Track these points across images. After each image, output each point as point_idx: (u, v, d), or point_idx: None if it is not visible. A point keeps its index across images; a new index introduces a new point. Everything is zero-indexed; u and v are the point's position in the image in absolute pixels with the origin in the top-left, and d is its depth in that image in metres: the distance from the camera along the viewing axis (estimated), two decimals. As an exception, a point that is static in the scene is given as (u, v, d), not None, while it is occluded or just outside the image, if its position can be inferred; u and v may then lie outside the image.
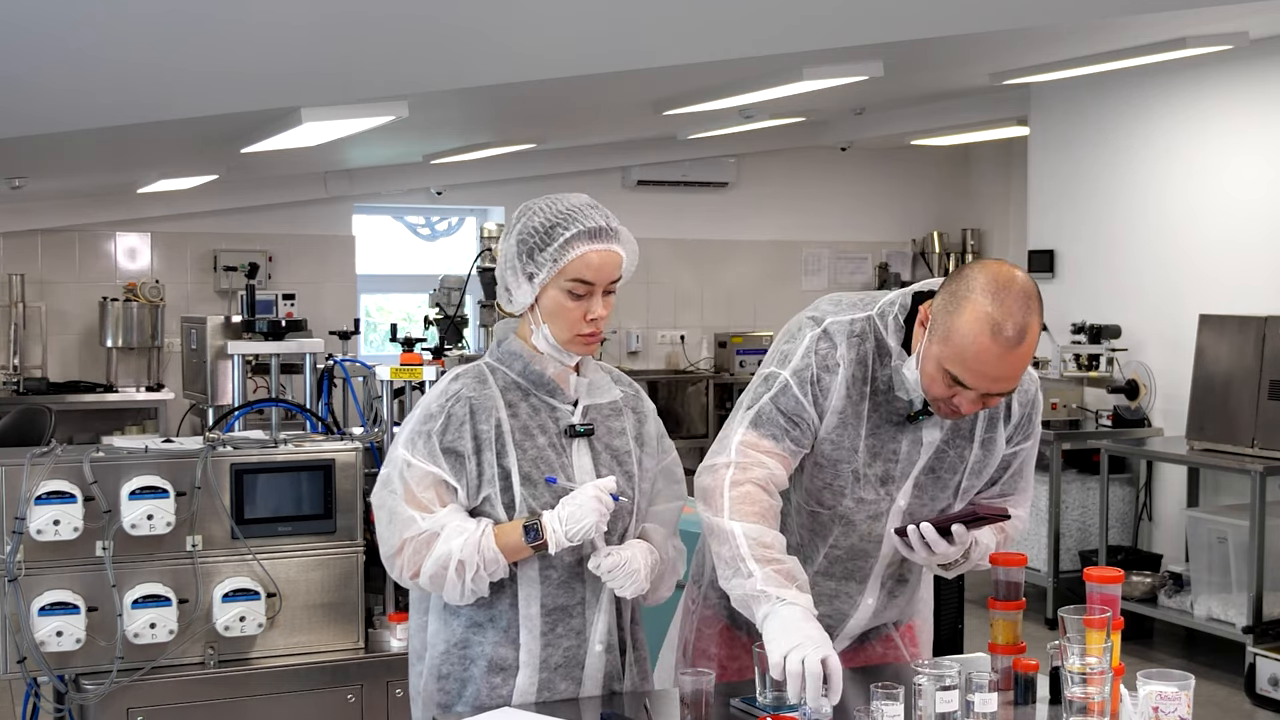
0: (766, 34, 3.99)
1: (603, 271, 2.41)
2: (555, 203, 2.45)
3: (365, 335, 9.29)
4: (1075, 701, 2.29)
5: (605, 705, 2.50)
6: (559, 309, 2.43)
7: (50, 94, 3.88)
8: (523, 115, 6.46)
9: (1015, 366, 2.40)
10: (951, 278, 2.47)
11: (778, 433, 2.54)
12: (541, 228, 2.41)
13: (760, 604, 2.39)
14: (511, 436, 2.44)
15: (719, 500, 2.50)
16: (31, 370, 8.34)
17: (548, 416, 2.49)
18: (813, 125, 8.98)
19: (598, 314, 2.42)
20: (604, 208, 2.48)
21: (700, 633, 2.86)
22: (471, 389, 2.46)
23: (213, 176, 7.62)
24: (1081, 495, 7.17)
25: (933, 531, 2.53)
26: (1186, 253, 7.02)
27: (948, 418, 2.56)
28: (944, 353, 2.42)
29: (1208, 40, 5.78)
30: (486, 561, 2.39)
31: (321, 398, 4.77)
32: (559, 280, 2.41)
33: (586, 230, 2.40)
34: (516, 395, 2.48)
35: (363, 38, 3.45)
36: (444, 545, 2.39)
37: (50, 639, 3.22)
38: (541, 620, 2.47)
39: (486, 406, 2.44)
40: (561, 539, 2.37)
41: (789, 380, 2.55)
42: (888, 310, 2.58)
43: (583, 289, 2.41)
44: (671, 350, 9.91)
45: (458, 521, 2.41)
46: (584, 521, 2.36)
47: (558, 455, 2.47)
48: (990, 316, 2.35)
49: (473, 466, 2.42)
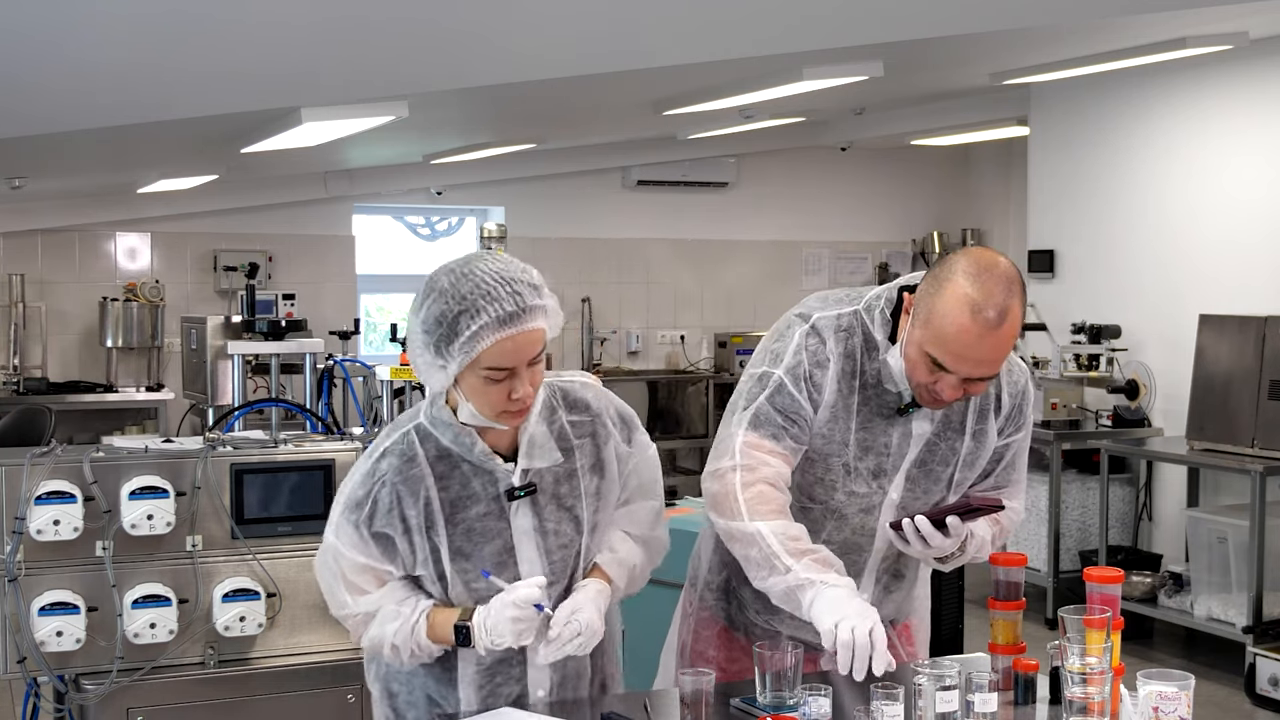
0: (766, 34, 3.99)
1: (521, 355, 2.24)
2: (460, 281, 2.23)
3: (365, 335, 9.29)
4: (1075, 701, 2.29)
5: (605, 705, 2.50)
6: (479, 392, 2.27)
7: (50, 94, 3.87)
8: (523, 115, 6.46)
9: (996, 349, 2.39)
10: (935, 264, 2.48)
11: (777, 432, 2.54)
12: (444, 316, 2.22)
13: (805, 591, 2.39)
14: (442, 512, 2.36)
15: (734, 504, 2.49)
16: (31, 370, 8.33)
17: (484, 482, 2.38)
18: (813, 125, 8.98)
19: (522, 393, 2.26)
20: (519, 273, 2.25)
21: (698, 635, 2.85)
22: (397, 470, 2.36)
23: (213, 176, 7.62)
24: (1081, 495, 7.16)
25: (927, 524, 2.53)
26: (1187, 253, 7.02)
27: (932, 407, 2.55)
28: (925, 335, 2.41)
29: (1208, 40, 5.78)
30: (420, 648, 2.40)
31: (321, 398, 4.78)
32: (473, 369, 2.24)
33: (494, 319, 2.20)
34: (448, 465, 2.37)
35: (363, 38, 3.45)
36: (379, 628, 2.40)
37: (50, 639, 3.22)
38: (478, 676, 2.47)
39: (413, 487, 2.35)
40: (488, 644, 2.35)
41: (783, 379, 2.55)
42: (874, 304, 2.59)
43: (501, 374, 2.25)
44: (671, 350, 9.91)
45: (392, 605, 2.40)
46: (503, 637, 2.33)
47: (496, 520, 2.39)
48: (970, 297, 2.34)
49: (404, 546, 2.38)
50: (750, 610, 2.79)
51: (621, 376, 9.46)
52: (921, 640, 2.94)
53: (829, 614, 2.34)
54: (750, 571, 2.49)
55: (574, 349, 9.47)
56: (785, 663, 2.42)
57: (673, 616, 2.98)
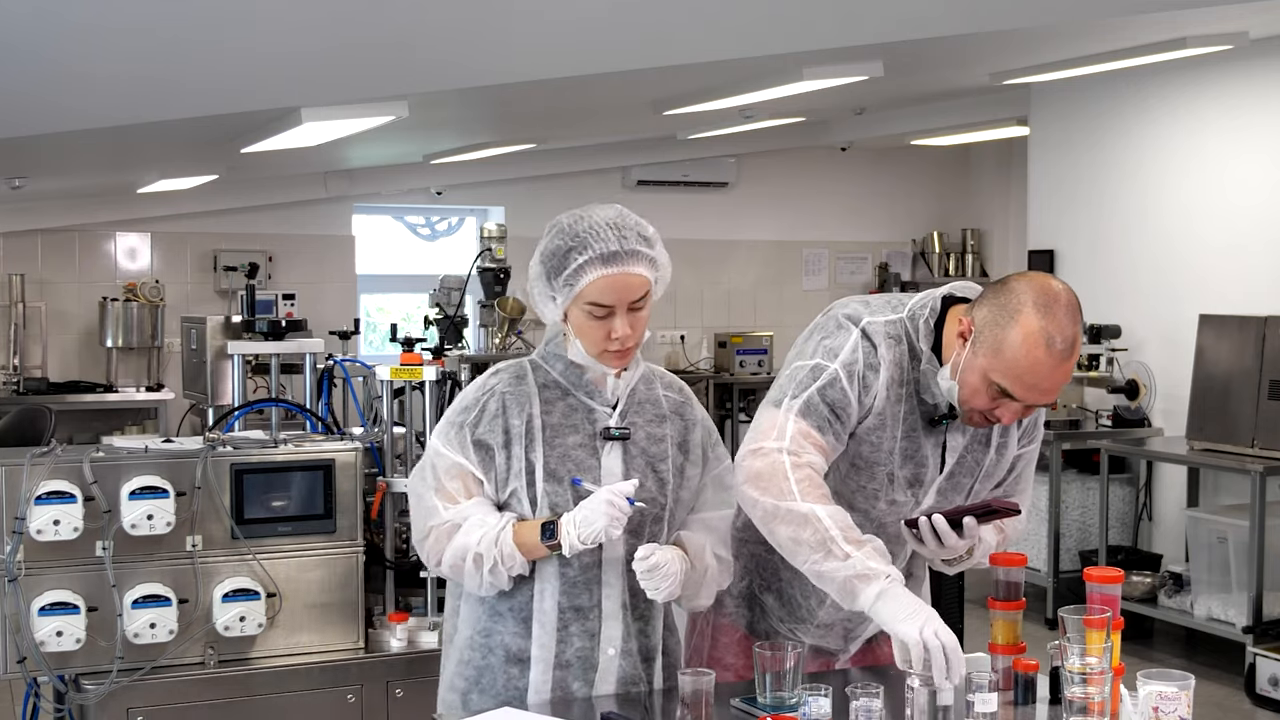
0: (766, 34, 3.99)
1: (621, 295, 2.40)
2: (577, 221, 2.43)
3: (365, 335, 9.28)
4: (1075, 701, 2.29)
5: (607, 705, 2.49)
6: (583, 327, 2.44)
7: (50, 94, 3.87)
8: (523, 115, 6.46)
9: (1064, 378, 2.47)
10: (994, 291, 2.50)
11: (823, 424, 2.54)
12: (558, 251, 2.41)
13: (869, 584, 2.37)
14: (542, 433, 2.46)
15: (784, 483, 2.46)
16: (31, 370, 8.33)
17: (584, 417, 2.49)
18: (813, 125, 8.98)
19: (621, 333, 2.41)
20: (632, 223, 2.45)
21: (716, 642, 2.83)
22: (507, 384, 2.49)
23: (213, 176, 7.61)
24: (1081, 495, 7.16)
25: (944, 523, 2.53)
26: (1187, 252, 7.02)
27: (979, 427, 2.58)
28: (993, 365, 2.45)
29: (1207, 40, 5.77)
30: (504, 556, 2.41)
31: (321, 398, 4.78)
32: (578, 303, 2.41)
33: (598, 255, 2.38)
34: (555, 393, 2.50)
35: (363, 38, 3.45)
36: (464, 537, 2.43)
37: (50, 639, 3.22)
38: (556, 617, 2.48)
39: (521, 402, 2.47)
40: (575, 542, 2.37)
41: (838, 372, 2.54)
42: (918, 313, 2.59)
43: (601, 311, 2.41)
44: (671, 350, 9.91)
45: (479, 515, 2.44)
46: (595, 525, 2.35)
47: (589, 456, 2.47)
48: (1045, 331, 2.41)
49: (501, 460, 2.45)
50: (774, 618, 2.79)
51: (621, 376, 9.46)
52: None
53: (909, 619, 2.33)
54: (799, 553, 2.44)
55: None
56: (785, 663, 2.42)
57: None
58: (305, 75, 3.99)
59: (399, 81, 4.21)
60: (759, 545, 2.71)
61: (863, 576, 2.38)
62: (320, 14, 3.16)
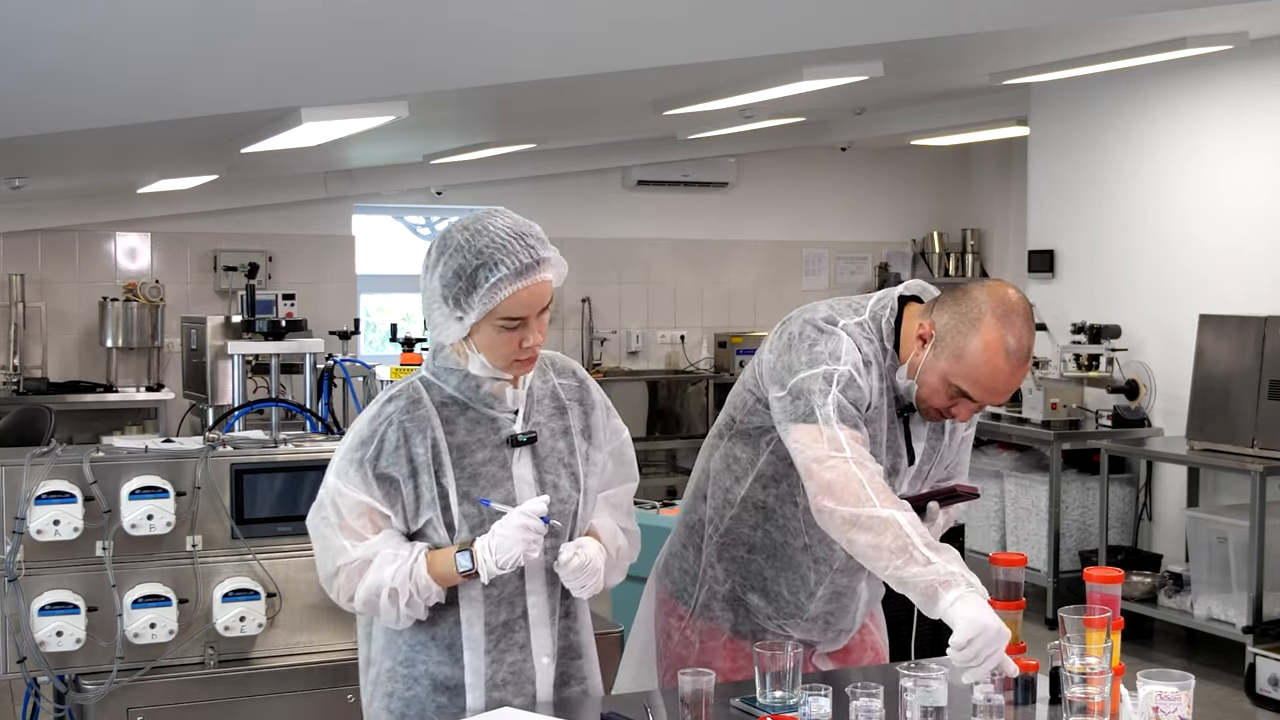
0: (766, 34, 3.99)
1: (534, 303, 2.36)
2: (475, 237, 2.36)
3: (365, 335, 9.29)
4: (1075, 701, 2.29)
5: (605, 705, 2.50)
6: (494, 342, 2.38)
7: (50, 94, 3.88)
8: (523, 115, 6.46)
9: (1019, 381, 2.60)
10: (954, 298, 2.61)
11: (857, 424, 2.58)
12: (463, 271, 2.33)
13: (951, 587, 2.36)
14: (449, 455, 2.41)
15: (862, 490, 2.46)
16: (31, 370, 8.33)
17: (488, 429, 2.45)
18: (813, 125, 8.97)
19: (533, 342, 2.38)
20: (532, 230, 2.40)
21: (704, 646, 2.84)
22: (404, 410, 2.42)
23: (213, 176, 7.62)
24: (1081, 495, 7.16)
25: (910, 509, 2.56)
26: (1187, 252, 7.01)
27: (934, 421, 2.71)
28: (954, 370, 2.56)
29: (1207, 40, 5.77)
30: (420, 589, 2.38)
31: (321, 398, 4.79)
32: (490, 319, 2.35)
33: (513, 271, 2.33)
34: (454, 410, 2.44)
35: (363, 38, 3.45)
36: (375, 574, 2.38)
37: (50, 639, 3.21)
38: (485, 639, 2.45)
39: (421, 427, 2.41)
40: (493, 569, 2.35)
41: (850, 371, 2.59)
42: (879, 314, 2.69)
43: (514, 323, 2.36)
44: (671, 350, 9.91)
45: (389, 549, 2.39)
46: (512, 551, 2.33)
47: (499, 469, 2.44)
48: (1005, 340, 2.54)
49: (409, 491, 2.40)
50: (760, 616, 2.82)
51: (621, 376, 9.47)
52: (880, 621, 3.06)
53: (983, 613, 2.33)
54: (880, 559, 2.43)
55: (574, 349, 9.46)
56: (785, 663, 2.42)
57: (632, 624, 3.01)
58: (305, 75, 3.99)
59: (399, 81, 4.21)
60: (741, 548, 2.80)
61: (945, 582, 2.38)
62: (320, 14, 3.16)
